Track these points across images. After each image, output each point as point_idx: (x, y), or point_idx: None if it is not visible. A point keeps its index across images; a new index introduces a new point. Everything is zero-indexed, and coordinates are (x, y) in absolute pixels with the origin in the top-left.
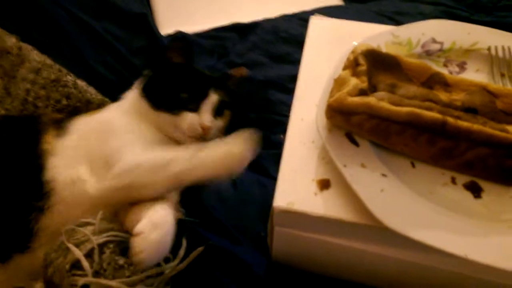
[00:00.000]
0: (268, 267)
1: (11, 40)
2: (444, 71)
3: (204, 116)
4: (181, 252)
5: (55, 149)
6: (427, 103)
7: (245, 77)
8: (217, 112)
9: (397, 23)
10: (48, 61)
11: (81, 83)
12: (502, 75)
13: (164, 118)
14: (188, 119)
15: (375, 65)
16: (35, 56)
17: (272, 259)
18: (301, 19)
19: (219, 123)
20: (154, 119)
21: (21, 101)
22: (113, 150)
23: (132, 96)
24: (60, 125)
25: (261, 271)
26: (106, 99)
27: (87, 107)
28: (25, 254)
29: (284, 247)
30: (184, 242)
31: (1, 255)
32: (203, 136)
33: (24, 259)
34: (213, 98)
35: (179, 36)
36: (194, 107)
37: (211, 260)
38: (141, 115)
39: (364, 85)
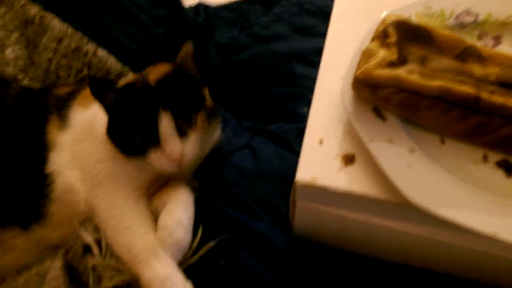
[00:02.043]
0: (288, 241)
1: (34, 10)
2: (478, 44)
3: (167, 146)
4: (195, 242)
5: (56, 144)
6: (460, 77)
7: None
8: (183, 127)
9: None
10: (70, 30)
11: (101, 52)
12: None
13: (139, 161)
14: (155, 157)
15: (405, 36)
16: (56, 25)
17: (293, 234)
18: None
19: (193, 137)
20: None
21: (44, 70)
22: (100, 178)
23: None
24: (62, 113)
25: (281, 245)
26: (126, 68)
27: (107, 76)
28: (42, 228)
29: (306, 221)
30: (199, 232)
31: (21, 222)
32: (182, 166)
33: (41, 231)
34: (165, 119)
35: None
36: (154, 141)
37: (231, 235)
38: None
39: (394, 57)
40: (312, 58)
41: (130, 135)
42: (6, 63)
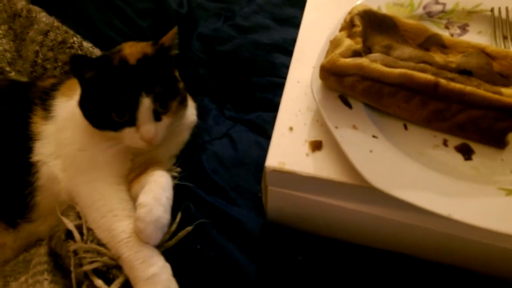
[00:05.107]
0: (263, 226)
1: (21, 3)
2: (446, 33)
3: (142, 129)
4: (174, 226)
5: (40, 134)
6: (422, 65)
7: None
8: (159, 112)
9: None
10: (56, 23)
11: (86, 44)
12: (505, 38)
13: (110, 134)
14: (128, 135)
15: (371, 26)
16: (43, 18)
17: (267, 219)
18: None
19: (165, 122)
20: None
21: (31, 63)
22: (82, 166)
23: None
24: (46, 104)
25: (257, 230)
26: None
27: None
28: (29, 223)
29: (278, 206)
30: (178, 217)
31: (9, 220)
32: (150, 146)
33: (29, 227)
34: (145, 103)
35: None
36: (130, 121)
37: (207, 219)
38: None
39: (358, 46)
40: (291, 48)
41: (106, 111)
42: None
